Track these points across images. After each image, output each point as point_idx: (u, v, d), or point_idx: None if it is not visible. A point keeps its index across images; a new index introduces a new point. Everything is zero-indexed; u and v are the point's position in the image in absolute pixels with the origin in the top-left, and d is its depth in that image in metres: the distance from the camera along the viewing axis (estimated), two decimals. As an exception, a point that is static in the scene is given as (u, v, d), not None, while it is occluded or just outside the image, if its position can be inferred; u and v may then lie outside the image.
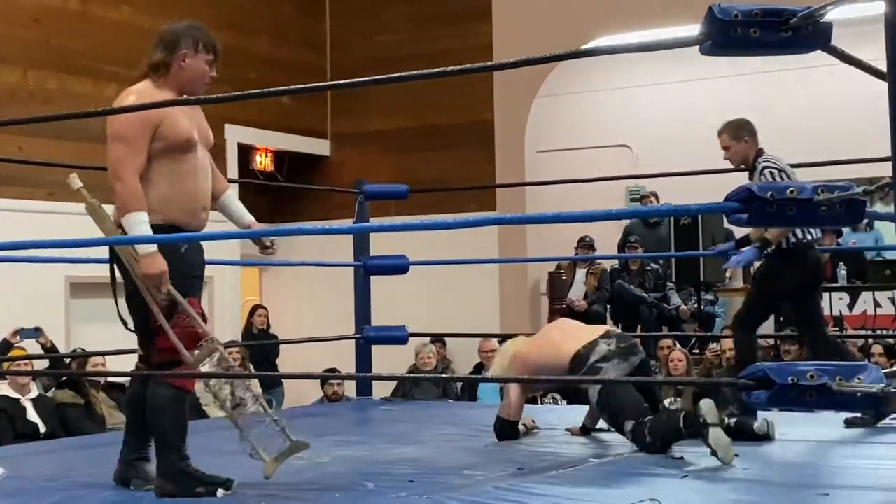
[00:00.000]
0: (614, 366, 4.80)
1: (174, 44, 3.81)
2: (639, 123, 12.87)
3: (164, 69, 3.80)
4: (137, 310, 3.79)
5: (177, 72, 3.81)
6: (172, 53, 3.80)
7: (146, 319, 3.76)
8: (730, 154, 5.76)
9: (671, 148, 11.84)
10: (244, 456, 4.27)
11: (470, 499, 3.56)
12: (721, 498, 3.67)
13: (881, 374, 2.53)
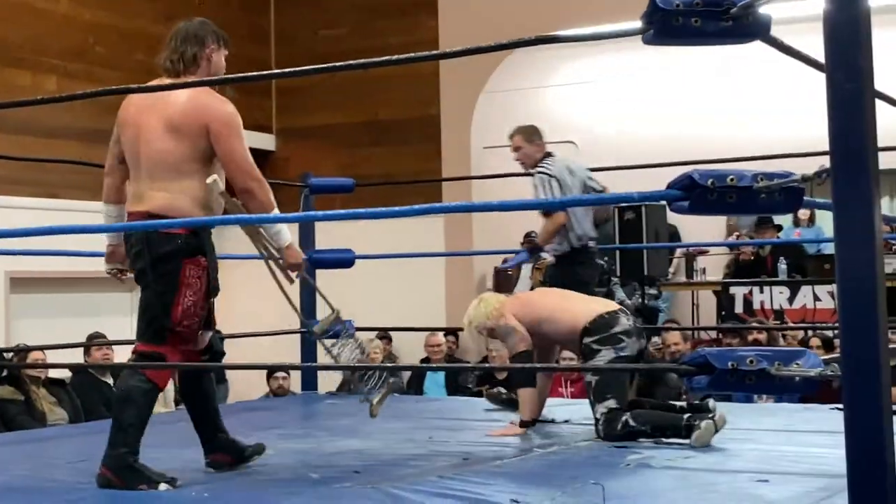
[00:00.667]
0: (631, 344, 4.87)
1: (202, 39, 3.92)
2: (584, 119, 12.93)
3: (194, 64, 3.89)
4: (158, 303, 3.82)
5: (205, 66, 3.92)
6: (203, 48, 3.92)
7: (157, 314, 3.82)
8: (520, 155, 6.24)
9: (616, 144, 11.93)
10: (186, 449, 4.26)
11: (415, 488, 3.57)
12: (663, 485, 3.71)
13: (819, 359, 2.58)
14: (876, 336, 2.25)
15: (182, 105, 3.79)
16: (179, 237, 3.78)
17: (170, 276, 3.79)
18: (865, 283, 2.26)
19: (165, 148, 3.78)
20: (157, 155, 3.80)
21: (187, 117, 3.77)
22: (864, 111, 2.26)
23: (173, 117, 3.78)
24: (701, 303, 10.99)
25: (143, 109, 3.85)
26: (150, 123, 3.81)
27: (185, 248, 3.80)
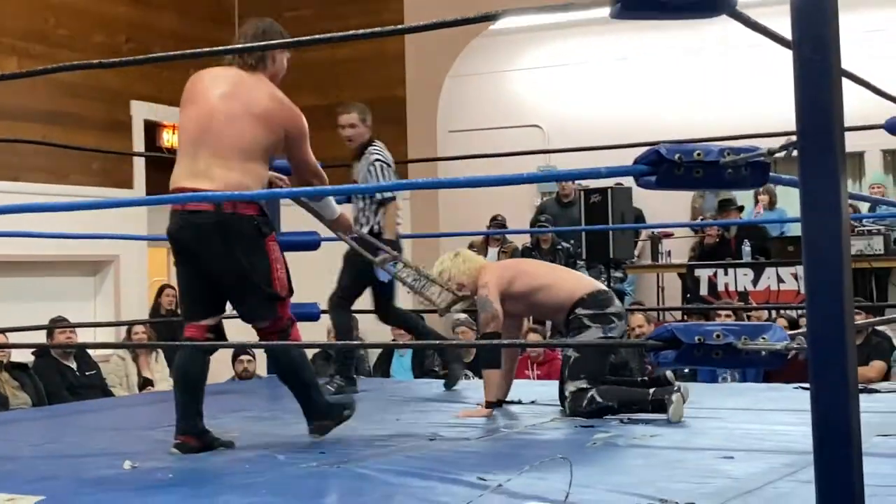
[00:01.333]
0: (619, 327, 4.90)
1: (271, 39, 4.15)
2: (550, 103, 12.95)
3: (262, 62, 4.16)
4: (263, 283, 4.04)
5: (270, 65, 4.20)
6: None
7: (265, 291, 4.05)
8: (353, 133, 6.18)
9: (581, 127, 11.95)
10: (151, 430, 4.23)
11: (381, 468, 3.55)
12: (629, 462, 3.72)
13: (785, 333, 2.58)
14: (842, 307, 2.25)
15: (266, 101, 4.07)
16: (255, 218, 4.01)
17: (260, 256, 4.03)
18: (832, 255, 2.25)
19: (247, 134, 3.99)
20: (236, 138, 3.98)
21: (271, 114, 4.05)
22: (831, 84, 2.25)
23: (259, 110, 4.03)
24: (666, 285, 11.05)
25: (220, 94, 4.08)
26: (231, 108, 4.02)
27: (263, 227, 4.04)
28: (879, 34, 11.39)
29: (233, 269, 4.01)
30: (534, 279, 5.04)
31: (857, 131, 5.35)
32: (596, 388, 4.69)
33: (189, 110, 4.12)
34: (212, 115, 4.03)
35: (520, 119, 12.95)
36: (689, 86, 12.25)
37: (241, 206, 3.97)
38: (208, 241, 3.98)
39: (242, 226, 3.97)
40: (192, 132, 4.06)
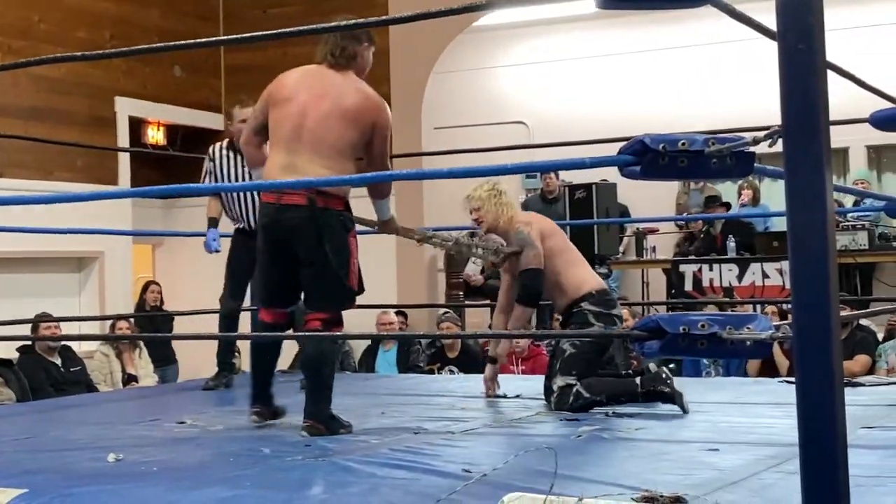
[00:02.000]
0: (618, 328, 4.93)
1: (358, 37, 4.37)
2: (534, 100, 12.94)
3: (353, 59, 4.36)
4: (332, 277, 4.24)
5: (359, 61, 4.39)
6: (358, 45, 4.37)
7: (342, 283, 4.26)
8: None
9: (566, 124, 11.94)
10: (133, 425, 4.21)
11: (366, 460, 3.55)
12: (615, 455, 3.73)
13: (770, 322, 2.58)
14: (828, 298, 2.25)
15: (355, 97, 4.26)
16: (342, 213, 4.25)
17: (343, 249, 4.25)
18: (817, 243, 2.25)
19: (337, 132, 4.19)
20: (327, 136, 4.18)
21: (360, 110, 4.25)
22: (816, 73, 2.25)
23: (349, 108, 4.23)
24: (651, 281, 11.06)
25: (312, 93, 4.26)
26: (323, 107, 4.21)
27: (347, 222, 4.28)
28: (866, 30, 11.43)
29: (318, 260, 4.23)
30: (565, 247, 5.00)
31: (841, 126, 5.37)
32: (581, 383, 4.69)
33: (282, 107, 4.29)
34: (305, 113, 4.22)
35: (504, 115, 12.94)
36: (673, 82, 12.27)
37: (332, 201, 4.19)
38: (301, 234, 4.21)
39: (331, 220, 4.21)
40: (286, 129, 4.25)
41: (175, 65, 11.47)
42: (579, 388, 4.67)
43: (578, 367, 4.74)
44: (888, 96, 4.35)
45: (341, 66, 4.34)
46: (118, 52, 3.83)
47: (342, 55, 4.32)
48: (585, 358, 4.77)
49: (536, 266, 4.85)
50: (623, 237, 11.37)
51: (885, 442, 3.71)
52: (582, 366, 4.75)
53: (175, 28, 11.17)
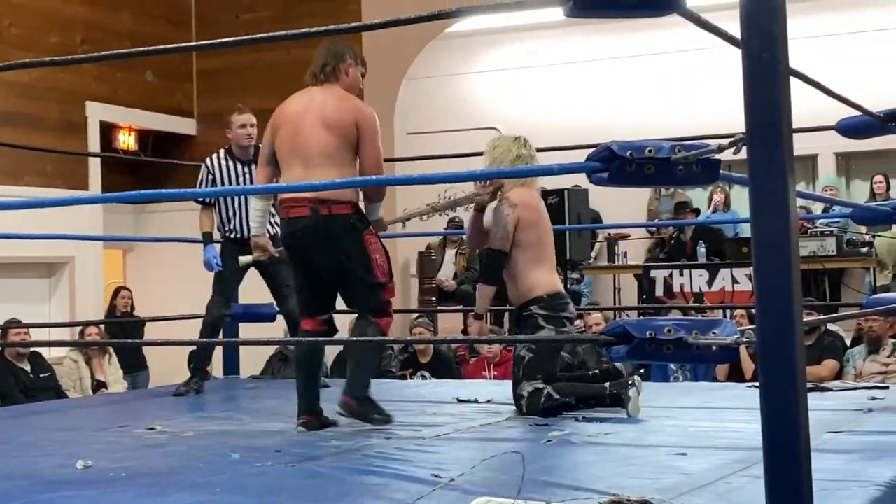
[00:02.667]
0: (571, 330, 4.97)
1: (341, 55, 4.58)
2: (507, 106, 12.99)
3: (333, 76, 4.54)
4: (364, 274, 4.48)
5: (343, 78, 4.57)
6: (341, 62, 4.56)
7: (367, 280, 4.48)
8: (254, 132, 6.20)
9: (538, 130, 11.96)
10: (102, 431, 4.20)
11: (336, 465, 3.56)
12: (583, 459, 3.75)
13: (735, 328, 2.61)
14: (791, 302, 2.28)
15: (335, 104, 4.45)
16: (349, 216, 4.42)
17: (359, 248, 4.44)
18: (781, 251, 2.28)
19: (323, 140, 4.39)
20: (315, 146, 4.39)
21: (340, 114, 4.42)
22: (779, 80, 2.28)
23: (329, 115, 4.42)
24: (622, 286, 11.11)
25: (299, 112, 4.49)
26: (308, 120, 4.43)
27: (357, 222, 4.44)
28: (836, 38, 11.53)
29: (334, 264, 4.46)
30: (536, 244, 4.90)
31: (810, 133, 5.43)
32: (552, 386, 4.72)
33: (280, 132, 4.53)
34: (296, 131, 4.46)
35: (477, 121, 12.97)
36: (645, 88, 12.34)
37: (336, 207, 4.38)
38: (310, 243, 4.44)
39: (338, 225, 4.40)
40: (284, 150, 4.51)
41: (147, 70, 11.43)
42: (550, 391, 4.69)
43: (542, 371, 4.77)
44: (853, 104, 4.39)
45: (323, 82, 4.53)
46: (89, 58, 3.84)
47: (322, 72, 4.53)
48: (544, 360, 4.79)
49: (500, 248, 4.84)
50: (595, 243, 11.43)
51: (851, 446, 3.74)
52: (544, 368, 4.78)
53: (147, 33, 11.13)
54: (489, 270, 4.94)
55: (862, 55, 11.46)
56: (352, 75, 4.61)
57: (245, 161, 6.27)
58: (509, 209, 4.84)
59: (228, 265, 6.24)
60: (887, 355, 7.67)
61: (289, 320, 6.49)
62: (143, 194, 4.19)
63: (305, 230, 4.43)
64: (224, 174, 6.26)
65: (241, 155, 6.29)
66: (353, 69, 4.61)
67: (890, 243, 10.31)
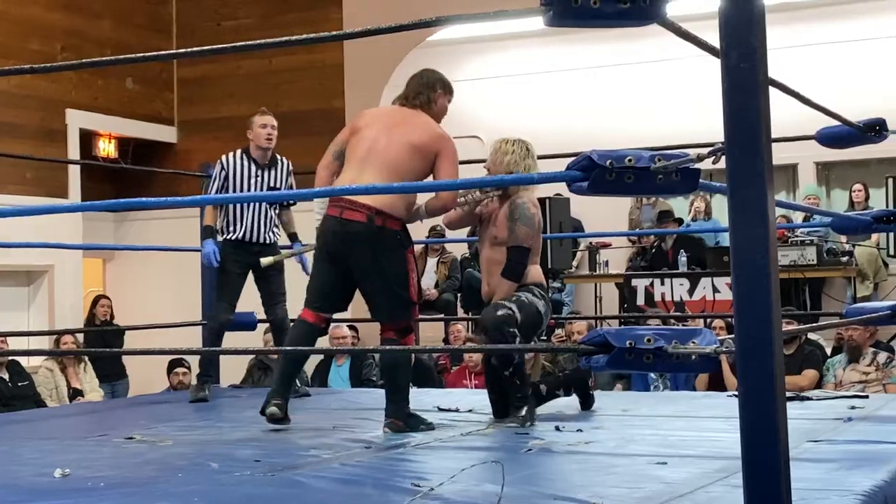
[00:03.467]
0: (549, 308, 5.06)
1: (433, 86, 4.83)
2: (489, 114, 12.99)
3: (427, 104, 4.79)
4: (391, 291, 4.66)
5: (434, 108, 4.81)
6: (433, 92, 4.81)
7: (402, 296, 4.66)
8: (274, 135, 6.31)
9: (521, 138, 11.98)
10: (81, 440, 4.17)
11: (315, 475, 3.54)
12: (563, 468, 3.74)
13: (715, 337, 2.61)
14: (770, 311, 2.28)
15: (423, 131, 4.68)
16: (399, 233, 4.63)
17: (401, 265, 4.64)
18: (759, 260, 2.29)
19: (402, 158, 4.60)
20: (391, 161, 4.59)
21: (426, 143, 4.65)
22: (758, 90, 2.29)
23: (415, 139, 4.64)
24: (604, 295, 11.12)
25: (387, 124, 4.71)
26: (393, 136, 4.64)
27: (405, 240, 4.66)
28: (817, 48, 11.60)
29: (376, 274, 4.65)
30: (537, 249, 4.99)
31: (790, 143, 5.46)
32: None
33: (360, 133, 4.73)
34: (377, 140, 4.65)
35: (459, 130, 12.84)
36: (625, 98, 12.36)
37: (389, 221, 4.58)
38: (358, 249, 4.61)
39: (388, 238, 4.59)
40: (359, 152, 4.68)
41: (127, 77, 11.41)
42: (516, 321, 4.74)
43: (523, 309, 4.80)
44: (833, 114, 4.41)
45: (414, 106, 4.78)
46: (69, 65, 3.82)
47: (416, 98, 4.79)
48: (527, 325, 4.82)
49: (528, 246, 4.88)
50: (576, 251, 11.43)
51: (831, 455, 3.74)
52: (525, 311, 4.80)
53: (128, 40, 11.11)
54: (518, 267, 4.91)
55: (841, 65, 11.52)
56: (440, 105, 4.85)
57: (262, 164, 6.27)
58: (534, 209, 4.91)
59: (232, 270, 6.24)
60: (867, 364, 7.70)
61: (275, 327, 6.49)
62: (123, 202, 4.21)
63: (357, 235, 4.59)
64: (238, 173, 6.25)
65: (259, 157, 6.30)
66: (442, 99, 4.85)
67: (870, 253, 10.36)
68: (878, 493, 3.06)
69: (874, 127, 4.67)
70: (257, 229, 6.26)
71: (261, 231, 6.29)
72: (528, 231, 4.86)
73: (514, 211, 4.87)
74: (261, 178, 6.26)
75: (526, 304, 4.82)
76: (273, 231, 6.38)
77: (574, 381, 5.28)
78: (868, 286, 10.43)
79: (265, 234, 6.30)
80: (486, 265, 5.01)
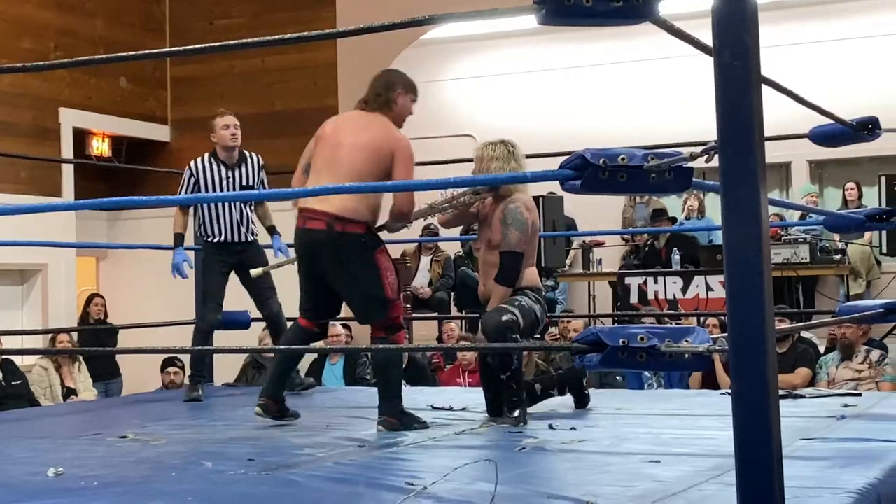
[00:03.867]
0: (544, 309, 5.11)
1: (392, 86, 4.81)
2: (482, 113, 13.00)
3: (386, 106, 4.77)
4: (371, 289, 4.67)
5: (394, 108, 4.79)
6: (392, 93, 4.79)
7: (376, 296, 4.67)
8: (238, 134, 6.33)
9: (513, 137, 11.94)
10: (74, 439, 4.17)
11: (310, 474, 3.54)
12: (557, 467, 3.75)
13: (708, 335, 2.61)
14: (762, 308, 2.29)
15: (378, 134, 4.67)
16: (362, 236, 4.63)
17: (370, 266, 4.64)
18: (752, 258, 2.29)
19: (358, 162, 4.60)
20: (349, 165, 4.60)
21: (380, 144, 4.64)
22: (751, 88, 2.29)
23: (369, 141, 4.65)
24: (597, 293, 11.13)
25: (343, 131, 4.74)
26: (349, 140, 4.66)
27: (370, 242, 4.65)
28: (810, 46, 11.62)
29: (345, 279, 4.69)
30: (532, 251, 4.99)
31: (783, 141, 5.47)
32: None
33: (320, 144, 4.78)
34: (335, 147, 4.69)
35: (452, 129, 12.98)
36: (618, 96, 12.38)
37: (350, 226, 4.59)
38: (320, 255, 4.67)
39: (350, 242, 4.61)
40: (318, 162, 4.74)
41: (121, 76, 11.39)
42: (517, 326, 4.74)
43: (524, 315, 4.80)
44: (826, 112, 4.42)
45: (373, 110, 4.78)
46: (63, 64, 3.81)
47: (375, 101, 4.79)
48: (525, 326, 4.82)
49: (520, 251, 4.88)
50: (570, 250, 11.44)
51: (824, 453, 3.75)
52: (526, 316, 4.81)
53: (121, 39, 11.08)
54: (511, 272, 4.90)
55: (834, 63, 11.54)
56: (401, 103, 4.83)
57: (230, 165, 6.29)
58: (527, 213, 4.89)
59: (216, 270, 6.27)
60: (860, 362, 7.71)
61: (270, 322, 6.49)
62: (116, 201, 4.20)
63: (318, 243, 4.65)
64: (208, 177, 6.27)
65: (227, 158, 6.31)
66: (403, 98, 4.84)
67: (863, 251, 10.39)
68: (871, 491, 3.06)
69: (867, 125, 4.67)
70: (237, 229, 6.30)
71: (241, 231, 6.33)
72: (520, 236, 4.85)
73: (507, 215, 4.87)
74: (231, 178, 6.28)
75: (526, 309, 4.83)
76: (252, 229, 6.39)
77: (569, 380, 5.29)
78: (861, 284, 10.45)
79: (245, 234, 6.34)
80: (483, 266, 5.02)
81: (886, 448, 3.76)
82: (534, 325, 4.91)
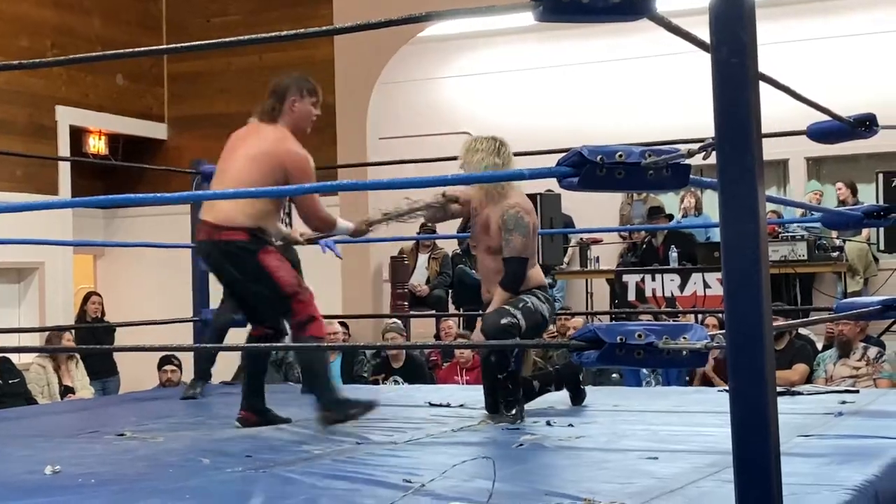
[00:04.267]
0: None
1: (283, 93, 4.70)
2: (480, 110, 12.99)
3: (279, 114, 4.67)
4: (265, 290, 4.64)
5: (289, 113, 4.68)
6: (283, 102, 4.68)
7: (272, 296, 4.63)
8: None
9: (511, 134, 11.92)
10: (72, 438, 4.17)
11: (306, 471, 3.54)
12: (555, 463, 3.74)
13: (705, 332, 2.61)
14: (760, 305, 2.29)
15: (268, 144, 4.59)
16: (242, 241, 4.58)
17: (256, 270, 4.59)
18: (750, 255, 2.29)
19: (244, 173, 4.56)
20: (234, 176, 4.58)
21: (270, 155, 4.57)
22: (749, 85, 2.29)
23: (258, 152, 4.58)
24: (595, 290, 11.13)
25: (235, 144, 4.71)
26: (238, 152, 4.65)
27: (250, 245, 4.58)
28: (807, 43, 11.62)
29: (236, 285, 4.75)
30: (534, 244, 4.98)
31: (781, 138, 5.46)
32: None
33: (222, 156, 4.77)
34: (224, 160, 4.71)
35: (450, 126, 12.96)
36: (616, 93, 12.38)
37: (227, 234, 4.57)
38: (213, 265, 4.75)
39: (232, 249, 4.59)
40: (215, 177, 4.80)
41: (117, 74, 11.38)
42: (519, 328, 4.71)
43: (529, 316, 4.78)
44: (823, 109, 4.42)
45: (268, 119, 4.69)
46: (59, 61, 3.82)
47: (270, 114, 4.69)
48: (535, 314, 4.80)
49: (524, 256, 4.84)
50: (567, 247, 11.44)
51: (822, 450, 3.75)
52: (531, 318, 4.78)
53: (117, 37, 11.08)
54: (516, 278, 4.86)
55: (831, 60, 11.54)
56: (297, 109, 4.71)
57: None
58: (527, 216, 4.84)
59: None
60: (857, 359, 7.72)
61: None
62: (113, 199, 4.23)
63: (207, 253, 4.73)
64: None
65: None
66: (299, 103, 4.71)
67: (860, 248, 10.39)
68: (869, 488, 3.06)
69: (864, 122, 4.67)
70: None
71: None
72: (523, 241, 4.81)
73: (507, 221, 4.80)
74: None
75: (532, 311, 4.79)
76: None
77: (565, 376, 5.28)
78: (858, 281, 10.46)
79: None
80: (484, 272, 4.96)
81: (884, 445, 3.76)
82: (540, 326, 4.89)
